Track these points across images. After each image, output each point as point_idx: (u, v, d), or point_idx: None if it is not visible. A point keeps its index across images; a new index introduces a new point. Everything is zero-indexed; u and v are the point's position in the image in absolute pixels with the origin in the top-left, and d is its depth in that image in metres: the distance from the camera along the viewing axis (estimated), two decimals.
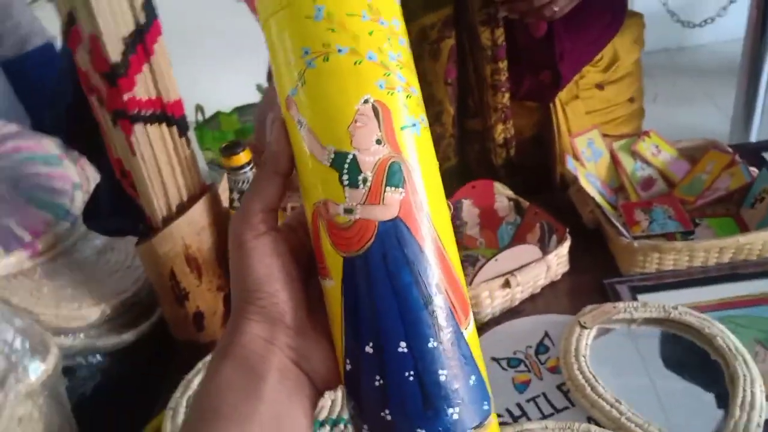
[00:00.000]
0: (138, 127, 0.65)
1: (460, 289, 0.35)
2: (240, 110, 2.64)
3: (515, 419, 0.70)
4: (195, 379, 0.73)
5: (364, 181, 0.33)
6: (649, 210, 0.97)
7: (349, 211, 0.33)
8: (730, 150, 0.99)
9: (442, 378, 0.33)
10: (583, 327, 0.76)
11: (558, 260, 0.88)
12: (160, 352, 0.87)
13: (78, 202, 0.87)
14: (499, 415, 0.71)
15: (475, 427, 0.34)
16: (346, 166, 0.33)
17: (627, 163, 1.03)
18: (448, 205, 0.90)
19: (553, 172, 1.13)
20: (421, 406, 0.33)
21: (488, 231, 0.98)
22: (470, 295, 0.81)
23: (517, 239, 0.95)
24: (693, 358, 0.74)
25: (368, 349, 0.33)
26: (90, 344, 0.83)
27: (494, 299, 0.84)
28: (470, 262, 0.94)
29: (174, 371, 0.77)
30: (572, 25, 1.00)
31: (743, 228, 0.92)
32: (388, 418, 0.33)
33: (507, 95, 1.05)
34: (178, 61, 0.69)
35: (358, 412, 0.35)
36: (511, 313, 0.87)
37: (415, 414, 0.33)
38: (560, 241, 0.88)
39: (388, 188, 0.33)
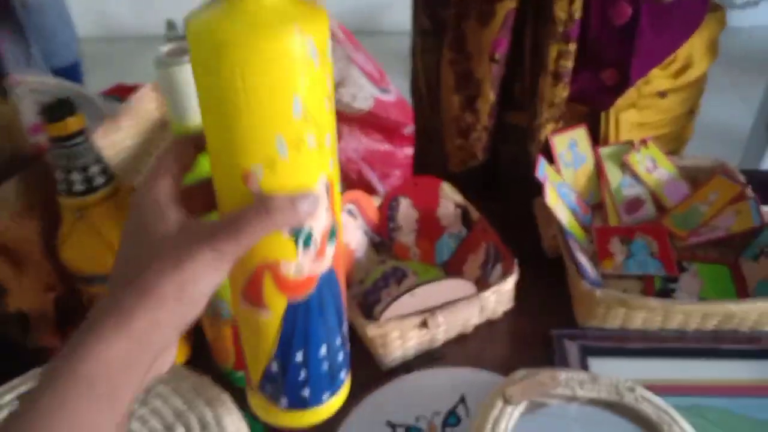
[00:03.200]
0: None
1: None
2: None
3: None
4: (6, 396, 0.56)
5: (315, 243, 0.38)
6: (629, 241, 0.78)
7: (299, 268, 0.39)
8: (741, 178, 0.79)
9: (339, 359, 0.45)
10: (507, 402, 0.58)
11: (498, 298, 0.69)
12: None
13: None
14: None
15: (345, 378, 0.47)
16: (303, 236, 0.38)
17: (613, 175, 0.83)
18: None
19: None
20: (329, 379, 0.45)
21: (425, 241, 0.79)
22: (375, 334, 0.63)
23: (457, 258, 0.76)
24: None
25: (298, 357, 0.42)
26: None
27: (407, 341, 0.66)
28: (396, 278, 0.75)
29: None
30: (659, 15, 0.77)
31: (739, 283, 0.73)
32: (306, 393, 0.44)
33: (567, 89, 0.81)
34: None
35: (279, 392, 0.44)
36: (429, 357, 0.68)
37: (325, 385, 0.45)
38: (505, 274, 0.69)
39: (328, 244, 0.40)
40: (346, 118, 1.53)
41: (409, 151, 1.99)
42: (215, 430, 0.49)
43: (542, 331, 0.70)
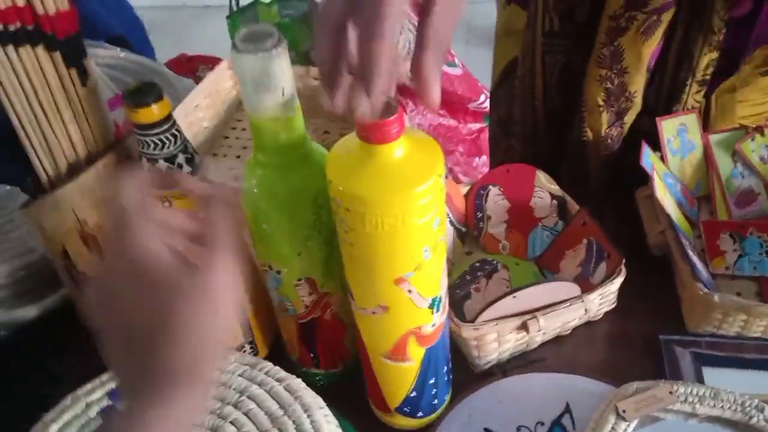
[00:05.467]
0: None
1: None
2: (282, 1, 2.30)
3: None
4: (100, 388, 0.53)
5: (443, 303, 0.50)
6: (741, 238, 0.71)
7: (433, 325, 0.49)
8: None
9: (450, 365, 0.58)
10: (620, 417, 0.53)
11: (602, 300, 0.64)
12: (73, 331, 0.68)
13: None
14: None
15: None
16: (437, 303, 0.48)
17: (724, 165, 0.76)
18: None
19: None
20: (448, 383, 0.58)
21: (517, 233, 0.74)
22: (470, 336, 0.59)
23: (553, 253, 0.71)
24: None
25: (431, 382, 0.54)
26: None
27: (503, 344, 0.61)
28: (485, 272, 0.71)
29: (84, 361, 0.58)
30: None
31: None
32: (436, 402, 0.57)
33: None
34: None
35: (417, 409, 0.55)
36: (525, 360, 0.64)
37: (446, 389, 0.58)
38: (611, 273, 0.64)
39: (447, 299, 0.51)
40: (410, 91, 1.46)
41: (473, 126, 1.90)
42: None
43: (646, 335, 0.65)
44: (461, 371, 0.62)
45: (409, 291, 0.46)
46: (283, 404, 0.48)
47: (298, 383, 0.50)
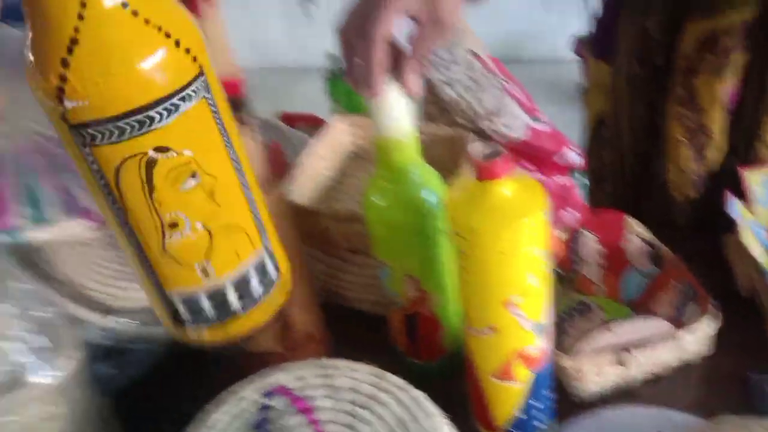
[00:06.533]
0: None
1: None
2: None
3: None
4: (240, 392, 0.62)
5: (547, 330, 0.56)
6: None
7: (538, 348, 0.55)
8: None
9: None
10: None
11: (694, 338, 0.68)
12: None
13: None
14: None
15: None
16: (542, 328, 0.55)
17: None
18: None
19: None
20: (551, 409, 0.64)
21: (610, 276, 0.79)
22: (570, 365, 0.65)
23: (646, 296, 0.76)
24: None
25: (536, 404, 0.59)
26: (143, 331, 0.76)
27: (603, 376, 0.67)
28: (581, 312, 0.77)
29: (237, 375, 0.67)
30: None
31: None
32: (540, 425, 0.62)
33: None
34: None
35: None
36: (624, 394, 0.69)
37: (551, 414, 0.64)
38: (701, 314, 0.68)
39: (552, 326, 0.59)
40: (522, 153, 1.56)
41: (560, 179, 1.96)
42: None
43: (739, 374, 0.69)
44: (562, 400, 0.68)
45: (517, 314, 0.53)
46: (408, 410, 0.56)
47: (418, 394, 0.57)
